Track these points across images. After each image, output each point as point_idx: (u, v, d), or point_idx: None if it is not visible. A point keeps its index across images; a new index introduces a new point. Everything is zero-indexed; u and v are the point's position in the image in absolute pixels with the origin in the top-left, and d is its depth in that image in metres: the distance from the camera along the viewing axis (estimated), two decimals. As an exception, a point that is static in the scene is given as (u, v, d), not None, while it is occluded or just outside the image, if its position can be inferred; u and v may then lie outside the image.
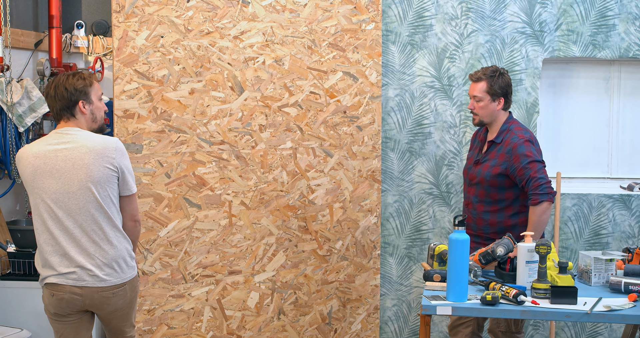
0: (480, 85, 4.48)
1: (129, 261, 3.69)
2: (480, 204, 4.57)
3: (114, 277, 3.64)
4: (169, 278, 4.74)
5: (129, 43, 4.54)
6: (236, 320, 4.96)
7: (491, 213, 4.53)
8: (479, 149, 4.67)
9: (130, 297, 3.74)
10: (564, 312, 3.57)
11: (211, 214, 4.83)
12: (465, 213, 4.67)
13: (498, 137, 4.51)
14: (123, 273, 3.67)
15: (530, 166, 4.35)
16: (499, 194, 4.49)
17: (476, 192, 4.58)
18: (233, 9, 4.78)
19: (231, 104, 4.83)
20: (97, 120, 3.72)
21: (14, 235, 4.95)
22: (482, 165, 4.54)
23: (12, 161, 4.79)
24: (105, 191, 3.59)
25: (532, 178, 4.33)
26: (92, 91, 3.69)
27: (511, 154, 4.39)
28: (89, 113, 3.68)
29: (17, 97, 4.76)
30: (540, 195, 4.31)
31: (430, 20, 5.45)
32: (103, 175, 3.56)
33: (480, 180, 4.52)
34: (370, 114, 5.27)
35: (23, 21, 5.26)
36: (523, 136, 4.44)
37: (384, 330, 5.62)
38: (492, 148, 4.54)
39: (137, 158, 4.60)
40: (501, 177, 4.44)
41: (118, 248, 3.65)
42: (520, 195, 4.47)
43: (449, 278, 3.71)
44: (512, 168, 4.39)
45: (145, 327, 4.70)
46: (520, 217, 4.49)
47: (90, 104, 3.68)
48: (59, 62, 5.38)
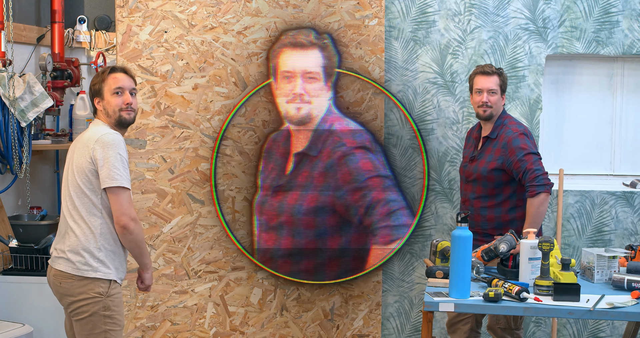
0: (494, 79, 4.60)
1: (86, 258, 3.60)
2: (477, 200, 4.62)
3: (63, 264, 3.62)
4: (172, 274, 4.74)
5: (133, 38, 4.53)
6: (239, 316, 4.95)
7: (489, 209, 4.58)
8: (474, 147, 4.75)
9: (85, 307, 3.61)
10: (566, 309, 3.56)
11: (214, 210, 4.81)
12: (462, 209, 4.75)
13: (493, 132, 4.59)
14: (74, 265, 3.60)
15: (526, 159, 4.42)
16: (496, 189, 4.54)
17: (473, 189, 4.64)
18: (237, 4, 4.76)
19: (234, 99, 4.80)
20: (110, 114, 3.71)
21: (15, 229, 4.98)
22: (478, 161, 4.61)
23: (15, 155, 4.78)
24: (80, 180, 3.59)
25: (529, 170, 4.39)
26: (105, 87, 3.72)
27: (507, 148, 4.47)
28: (102, 108, 3.73)
29: (19, 92, 4.77)
30: (537, 187, 4.36)
31: (433, 16, 5.42)
32: (80, 165, 3.59)
33: (477, 176, 4.58)
34: (372, 110, 5.24)
35: (25, 16, 5.27)
36: (517, 130, 4.53)
37: (386, 326, 5.60)
38: (488, 143, 4.62)
39: (141, 153, 4.59)
40: (498, 172, 4.50)
41: (77, 239, 3.61)
42: (517, 189, 4.53)
43: (451, 275, 3.70)
44: (509, 161, 4.45)
45: (148, 323, 4.69)
46: (518, 211, 4.54)
47: (103, 100, 3.74)
48: (61, 57, 5.39)
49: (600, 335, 5.52)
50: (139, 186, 4.58)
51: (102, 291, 3.62)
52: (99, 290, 3.61)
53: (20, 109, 4.79)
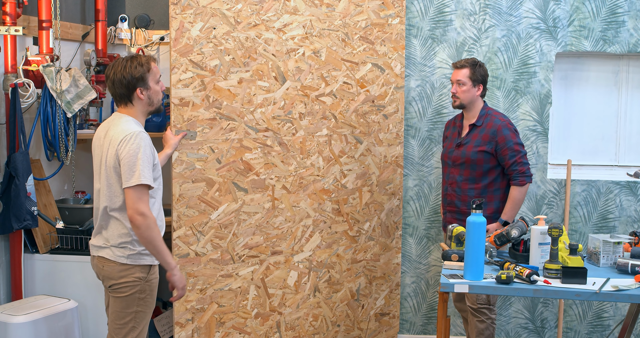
0: (464, 71, 4.77)
1: (127, 247, 3.63)
2: (464, 182, 4.80)
3: (105, 252, 3.65)
4: (219, 258, 4.72)
5: (185, 34, 4.47)
6: (277, 298, 4.97)
7: (475, 190, 4.77)
8: (457, 134, 4.91)
9: (124, 289, 3.64)
10: (574, 291, 3.58)
11: (256, 198, 4.81)
12: (448, 192, 4.91)
13: (479, 120, 4.79)
14: (113, 254, 3.63)
15: (515, 151, 4.67)
16: (483, 172, 4.73)
17: (461, 172, 4.82)
18: (277, 3, 4.75)
19: (275, 93, 4.81)
20: (154, 103, 3.70)
21: (62, 212, 5.00)
22: (466, 146, 4.79)
23: (61, 144, 4.82)
24: (110, 176, 3.57)
25: (519, 162, 4.67)
26: (150, 76, 3.65)
27: (496, 135, 4.69)
28: (146, 98, 3.67)
29: (65, 85, 4.78)
30: (526, 177, 4.68)
31: (450, 15, 5.47)
32: (110, 162, 3.55)
33: (466, 160, 4.77)
34: (394, 104, 5.30)
35: (71, 15, 5.30)
36: (504, 119, 4.77)
37: (404, 305, 5.67)
38: (474, 130, 4.80)
39: (192, 144, 4.55)
40: (487, 155, 4.71)
41: (108, 230, 3.64)
42: (501, 173, 4.75)
43: (466, 258, 3.73)
44: (498, 147, 4.68)
45: (198, 305, 4.67)
46: (501, 192, 4.78)
47: (147, 89, 3.66)
48: (104, 53, 5.42)
49: (604, 315, 5.57)
50: (190, 176, 4.56)
51: (141, 276, 3.66)
52: (139, 274, 3.65)
53: (66, 101, 4.81)
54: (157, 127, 5.32)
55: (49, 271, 4.85)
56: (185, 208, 4.59)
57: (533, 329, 5.61)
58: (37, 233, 4.83)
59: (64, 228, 4.90)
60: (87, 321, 4.80)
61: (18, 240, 4.72)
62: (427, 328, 5.70)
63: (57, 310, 4.54)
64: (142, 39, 5.61)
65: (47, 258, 4.86)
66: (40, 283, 4.85)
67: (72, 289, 4.82)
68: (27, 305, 4.52)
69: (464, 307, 4.99)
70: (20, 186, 4.56)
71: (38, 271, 4.84)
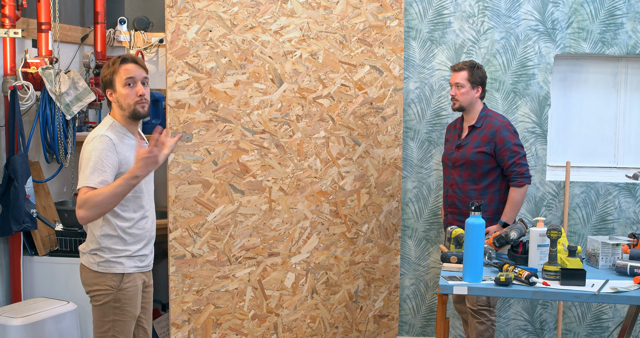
0: (462, 74, 4.75)
1: (98, 254, 3.54)
2: (465, 183, 4.78)
3: (82, 258, 3.60)
4: (216, 260, 4.72)
5: (181, 36, 4.47)
6: (275, 299, 4.96)
7: (476, 191, 4.74)
8: (457, 136, 4.88)
9: (97, 297, 3.57)
10: (573, 292, 3.57)
11: (253, 199, 4.81)
12: (449, 193, 4.88)
13: (478, 122, 4.76)
14: (88, 260, 3.57)
15: (514, 152, 4.64)
16: (483, 173, 4.71)
17: (461, 173, 4.79)
18: (274, 6, 4.75)
19: (271, 95, 4.80)
20: (124, 108, 3.49)
21: (61, 214, 4.99)
22: (465, 147, 4.77)
23: (61, 146, 4.80)
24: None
25: (518, 163, 4.64)
26: (116, 79, 3.48)
27: (495, 135, 4.66)
28: (116, 100, 3.51)
29: (64, 88, 4.77)
30: (525, 178, 4.64)
31: (449, 17, 5.45)
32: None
33: (466, 161, 4.75)
34: (393, 106, 5.28)
35: (70, 17, 5.29)
36: (503, 120, 4.74)
37: (403, 307, 5.65)
38: (473, 131, 4.78)
39: (188, 146, 4.54)
40: (486, 156, 4.68)
41: (87, 236, 3.58)
42: (500, 174, 4.73)
43: (465, 260, 3.72)
44: (497, 148, 4.65)
45: (194, 307, 4.67)
46: (501, 194, 4.75)
47: (115, 92, 3.51)
48: (103, 55, 5.42)
49: (603, 317, 5.55)
50: (186, 178, 4.55)
51: (113, 285, 3.55)
52: (111, 283, 3.55)
53: (65, 103, 4.80)
54: (156, 129, 5.29)
55: (48, 274, 4.83)
56: (182, 209, 4.59)
57: (532, 331, 5.58)
58: (36, 235, 4.81)
59: (63, 230, 4.88)
60: (86, 323, 4.77)
61: (17, 242, 4.70)
62: (426, 330, 5.67)
63: (56, 313, 4.51)
64: (141, 41, 5.60)
65: (46, 261, 4.83)
66: (39, 286, 4.83)
67: (71, 291, 4.78)
68: (26, 307, 4.49)
69: (463, 309, 4.97)
70: (19, 189, 4.54)
71: (37, 274, 4.82)
